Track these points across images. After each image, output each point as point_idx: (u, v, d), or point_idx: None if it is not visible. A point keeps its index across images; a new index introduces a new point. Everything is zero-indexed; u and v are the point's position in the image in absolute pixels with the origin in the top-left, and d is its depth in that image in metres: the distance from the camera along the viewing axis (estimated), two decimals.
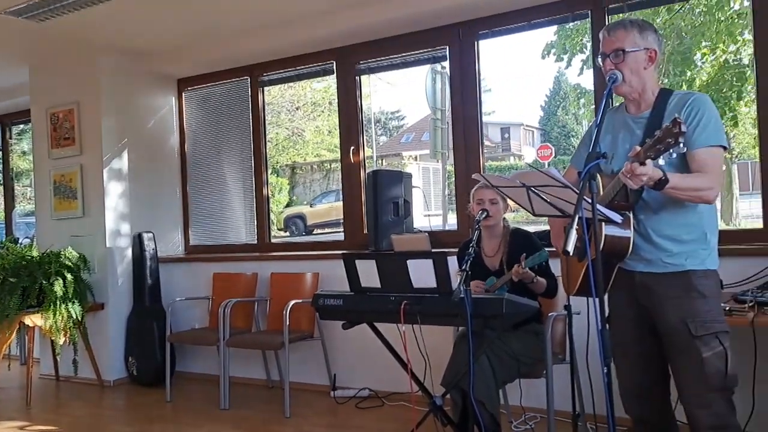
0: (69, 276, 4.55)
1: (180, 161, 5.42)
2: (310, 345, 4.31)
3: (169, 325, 4.56)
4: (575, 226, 1.82)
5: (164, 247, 5.19)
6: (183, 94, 5.41)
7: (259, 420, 3.92)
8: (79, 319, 4.58)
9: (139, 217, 5.05)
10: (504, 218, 3.16)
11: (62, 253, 4.68)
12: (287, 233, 16.20)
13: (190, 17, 4.30)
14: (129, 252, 4.98)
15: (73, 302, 4.53)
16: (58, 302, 4.43)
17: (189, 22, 4.40)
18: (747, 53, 7.99)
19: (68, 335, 4.55)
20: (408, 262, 2.67)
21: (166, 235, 5.27)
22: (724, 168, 2.60)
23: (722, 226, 9.60)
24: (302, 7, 4.16)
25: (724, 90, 8.37)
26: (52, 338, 4.53)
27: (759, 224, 3.38)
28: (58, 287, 4.44)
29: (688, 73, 8.97)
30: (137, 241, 4.92)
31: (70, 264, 4.64)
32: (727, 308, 2.47)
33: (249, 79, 5.06)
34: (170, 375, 4.50)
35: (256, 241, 5.06)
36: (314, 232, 15.76)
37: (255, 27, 4.51)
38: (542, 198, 2.13)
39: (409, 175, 4.50)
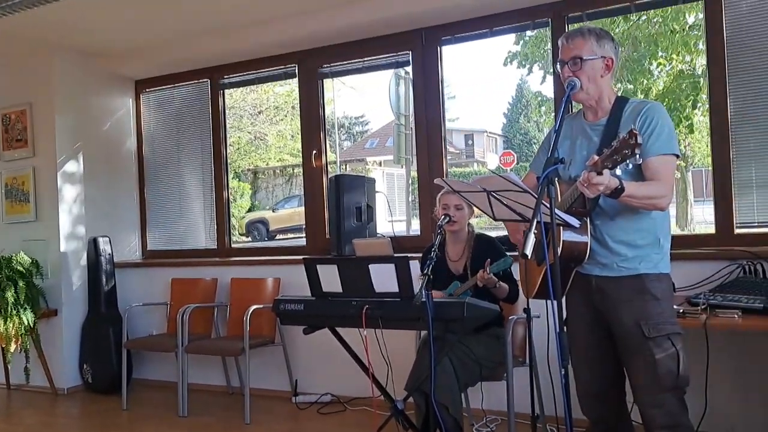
0: (21, 282, 4.42)
1: (137, 164, 5.31)
2: (272, 350, 4.26)
3: (125, 331, 4.45)
4: (534, 230, 1.84)
5: (121, 251, 5.08)
6: (141, 96, 5.31)
7: (219, 427, 3.86)
8: (32, 326, 4.44)
9: (94, 221, 4.92)
10: (469, 223, 3.18)
11: (14, 258, 4.56)
12: (249, 238, 16.03)
13: (149, 17, 4.22)
14: (84, 257, 4.86)
15: (25, 309, 4.40)
16: (9, 309, 4.30)
17: (147, 22, 4.32)
18: (701, 63, 8.25)
19: (20, 342, 4.42)
20: (370, 266, 2.66)
21: (123, 240, 5.15)
22: (678, 176, 2.67)
23: (677, 231, 9.89)
24: (264, 10, 4.13)
25: (681, 99, 8.61)
26: (3, 346, 4.39)
27: (712, 230, 3.48)
28: (9, 294, 4.31)
29: (645, 82, 9.22)
30: (92, 246, 4.80)
31: (22, 269, 4.52)
32: (681, 311, 2.53)
33: (209, 82, 4.99)
34: (127, 382, 4.39)
35: (216, 246, 4.99)
36: (277, 238, 15.63)
37: (215, 29, 4.45)
38: (502, 203, 2.15)
39: (372, 180, 4.50)
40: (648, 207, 2.12)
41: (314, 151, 4.59)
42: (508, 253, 2.99)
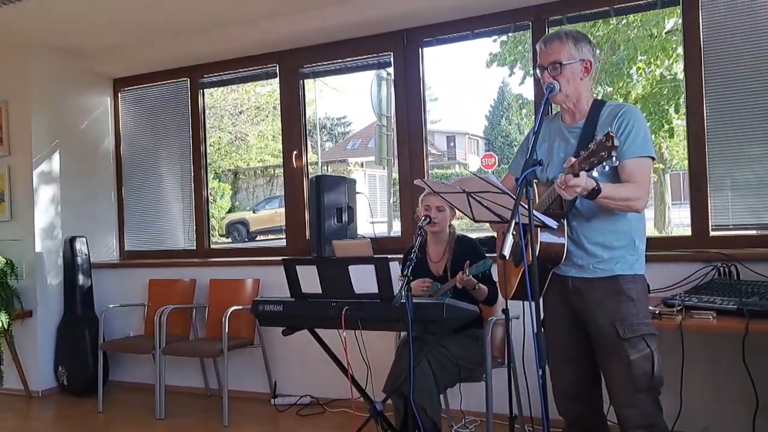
0: None
1: (115, 164, 5.25)
2: (251, 352, 4.24)
3: (101, 332, 4.40)
4: (512, 231, 1.85)
5: (98, 252, 5.01)
6: (119, 95, 5.24)
7: (196, 429, 3.83)
8: (6, 327, 4.37)
9: (71, 221, 4.85)
10: (451, 225, 3.19)
11: None
12: (229, 239, 15.93)
13: (127, 15, 4.16)
14: (60, 257, 4.78)
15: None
16: None
17: (126, 21, 4.26)
18: (680, 68, 8.37)
19: None
20: (350, 267, 2.65)
21: (100, 240, 5.08)
22: (656, 179, 2.70)
23: (655, 233, 10.02)
24: (245, 9, 4.10)
25: (661, 103, 8.73)
26: None
27: (688, 232, 3.52)
28: None
29: (624, 86, 9.32)
30: (69, 246, 4.73)
31: None
32: (657, 312, 2.55)
33: (189, 81, 4.94)
34: (103, 384, 4.33)
35: (194, 247, 4.94)
36: (257, 239, 15.55)
37: (196, 28, 4.41)
38: (482, 204, 2.16)
39: (353, 181, 4.49)
40: (624, 209, 2.14)
41: (295, 152, 4.57)
42: (489, 255, 3.00)
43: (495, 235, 2.87)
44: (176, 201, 5.05)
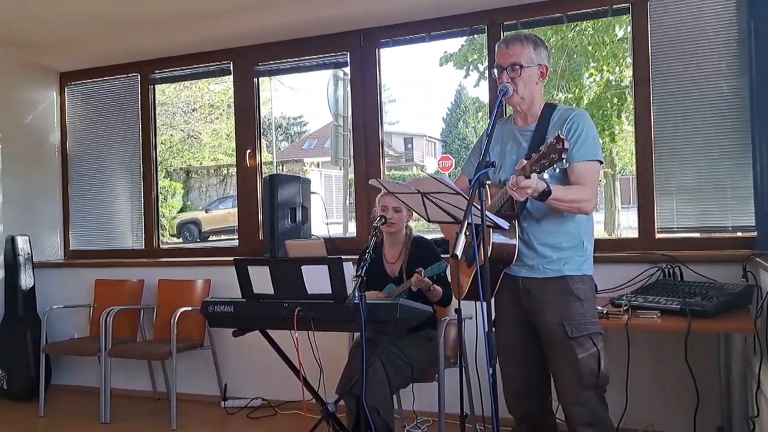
0: None
1: (61, 160, 5.07)
2: (200, 354, 4.15)
3: (44, 334, 4.26)
4: (465, 231, 1.87)
5: (41, 251, 4.84)
6: (66, 89, 5.07)
7: None
8: None
9: (12, 219, 4.67)
10: (407, 226, 3.19)
11: None
12: (180, 239, 15.61)
13: (75, 6, 4.02)
14: (0, 256, 4.60)
15: None
16: None
17: (74, 12, 4.12)
18: (628, 75, 8.61)
19: None
20: (303, 268, 2.62)
21: (44, 239, 4.91)
22: (603, 181, 2.76)
23: (605, 236, 10.27)
24: (199, 3, 4.01)
25: (606, 108, 8.98)
26: None
27: (636, 234, 3.62)
28: None
29: (577, 91, 9.55)
30: (10, 245, 4.55)
31: None
32: (604, 311, 2.61)
33: (139, 76, 4.82)
34: (45, 388, 4.19)
35: (143, 247, 4.82)
36: (210, 239, 15.29)
37: (147, 21, 4.29)
38: (436, 204, 2.17)
39: (308, 181, 4.45)
40: (573, 210, 2.18)
41: (249, 151, 4.51)
42: (444, 256, 3.01)
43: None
44: (125, 199, 4.91)
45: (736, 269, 2.95)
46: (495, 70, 2.31)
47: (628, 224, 12.00)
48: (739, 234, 3.35)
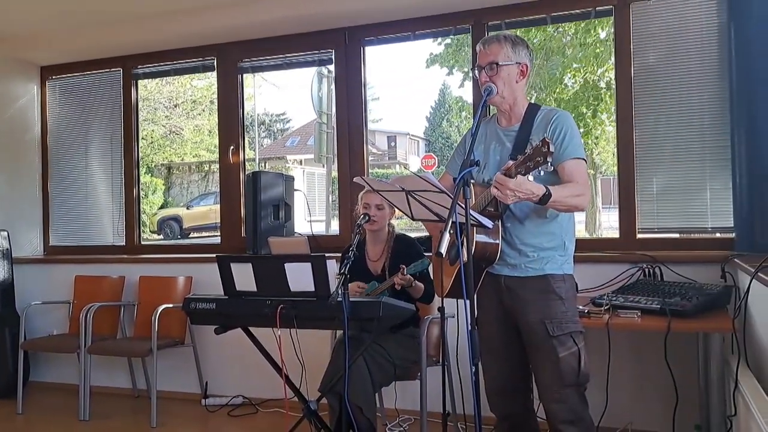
0: None
1: (41, 155, 5.00)
2: (182, 351, 4.12)
3: (23, 331, 4.19)
4: (449, 229, 1.87)
5: (20, 246, 4.77)
6: (46, 83, 5.00)
7: (123, 431, 3.71)
8: None
9: None
10: (390, 224, 3.19)
11: None
12: (161, 236, 15.47)
13: None
14: None
15: None
16: None
17: (55, 5, 4.06)
18: (609, 76, 8.70)
19: None
20: (286, 265, 2.61)
21: (23, 234, 4.84)
22: (591, 172, 2.78)
23: (586, 236, 10.37)
24: None
25: (581, 107, 9.07)
26: None
27: (617, 234, 3.65)
28: None
29: (558, 91, 9.64)
30: None
31: None
32: (585, 310, 2.64)
33: (121, 71, 4.76)
34: (23, 385, 4.13)
35: (124, 243, 4.77)
36: (191, 236, 15.18)
37: (130, 15, 4.24)
38: (420, 202, 2.17)
39: (291, 178, 4.43)
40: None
41: (232, 147, 4.48)
42: (427, 254, 3.02)
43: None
44: (105, 195, 4.86)
45: (715, 270, 2.99)
46: (476, 70, 2.33)
47: (609, 224, 12.11)
48: (718, 235, 3.40)
